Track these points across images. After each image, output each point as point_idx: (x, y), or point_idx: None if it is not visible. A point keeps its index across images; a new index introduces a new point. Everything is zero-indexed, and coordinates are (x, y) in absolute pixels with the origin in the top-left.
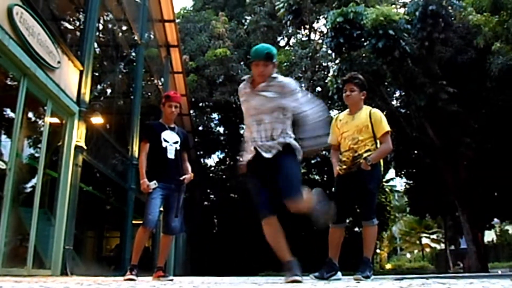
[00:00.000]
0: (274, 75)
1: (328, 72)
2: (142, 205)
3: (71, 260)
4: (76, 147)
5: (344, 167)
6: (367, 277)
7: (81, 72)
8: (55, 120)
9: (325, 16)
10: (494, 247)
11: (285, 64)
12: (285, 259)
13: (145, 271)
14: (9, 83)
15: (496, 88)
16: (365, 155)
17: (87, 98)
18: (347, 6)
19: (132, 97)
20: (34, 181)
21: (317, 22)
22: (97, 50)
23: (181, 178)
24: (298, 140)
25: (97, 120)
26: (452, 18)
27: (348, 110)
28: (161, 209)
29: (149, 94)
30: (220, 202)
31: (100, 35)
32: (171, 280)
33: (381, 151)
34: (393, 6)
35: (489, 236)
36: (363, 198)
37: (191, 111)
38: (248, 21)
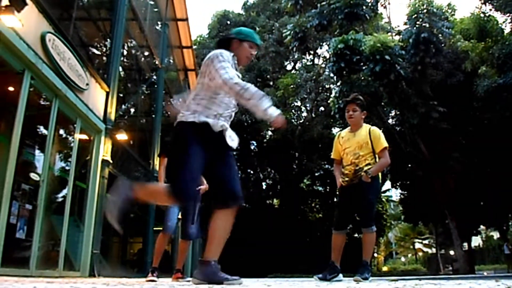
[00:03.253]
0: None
1: (331, 93)
2: (162, 213)
3: (98, 263)
4: (103, 161)
5: (347, 179)
6: (366, 279)
7: (107, 93)
8: (84, 136)
9: (328, 43)
10: (481, 251)
11: (292, 86)
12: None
13: (165, 273)
14: (42, 103)
15: (482, 108)
16: (365, 168)
17: (112, 116)
18: (348, 34)
19: (153, 116)
20: (65, 191)
21: (321, 48)
22: (122, 73)
23: (197, 189)
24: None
25: (122, 136)
26: (443, 45)
27: (349, 128)
28: (179, 216)
29: (169, 113)
30: None
31: (125, 59)
32: (189, 281)
33: (380, 165)
34: (389, 33)
35: (476, 241)
36: (363, 207)
37: None
38: None
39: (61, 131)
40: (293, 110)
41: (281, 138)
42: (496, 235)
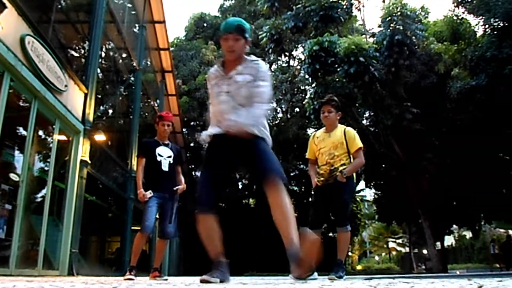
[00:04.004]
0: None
1: (306, 94)
2: (140, 213)
3: (77, 262)
4: (81, 161)
5: (322, 179)
6: (340, 277)
7: (86, 95)
8: (63, 137)
9: (303, 44)
10: (453, 251)
11: None
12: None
13: (142, 272)
14: (22, 104)
15: (455, 109)
16: (340, 168)
17: (91, 117)
18: (323, 36)
19: (131, 117)
20: (44, 191)
21: (296, 50)
22: (100, 75)
23: (175, 188)
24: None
25: (100, 137)
26: (416, 47)
27: (324, 128)
28: (157, 216)
29: (146, 114)
30: None
31: (103, 61)
32: (166, 279)
33: (354, 165)
34: (363, 36)
35: (449, 240)
36: (338, 207)
37: (184, 129)
38: None
39: (40, 132)
40: (268, 111)
41: None
42: (468, 234)
